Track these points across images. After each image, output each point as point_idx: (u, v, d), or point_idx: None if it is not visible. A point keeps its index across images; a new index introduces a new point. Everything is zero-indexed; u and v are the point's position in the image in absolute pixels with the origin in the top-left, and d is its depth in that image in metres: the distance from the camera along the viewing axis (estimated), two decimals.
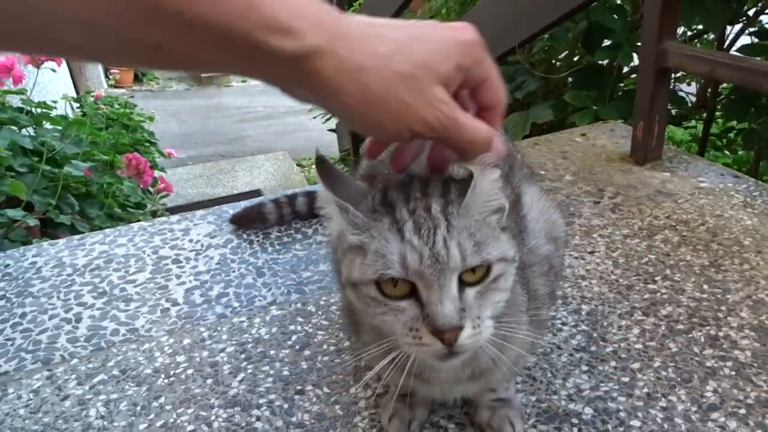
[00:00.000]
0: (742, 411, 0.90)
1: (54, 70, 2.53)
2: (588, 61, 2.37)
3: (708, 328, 1.06)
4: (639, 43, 1.66)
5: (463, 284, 0.61)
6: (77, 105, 3.83)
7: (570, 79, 2.41)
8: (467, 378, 0.75)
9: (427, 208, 0.61)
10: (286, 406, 0.95)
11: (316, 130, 5.03)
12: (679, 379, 0.96)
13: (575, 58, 2.53)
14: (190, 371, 1.03)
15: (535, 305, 0.80)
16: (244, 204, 1.55)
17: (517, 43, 2.15)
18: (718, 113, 2.69)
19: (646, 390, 0.95)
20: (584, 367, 1.00)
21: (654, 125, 1.59)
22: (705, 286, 1.16)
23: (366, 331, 0.75)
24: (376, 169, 0.80)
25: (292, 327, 1.12)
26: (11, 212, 1.89)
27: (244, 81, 7.64)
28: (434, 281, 0.60)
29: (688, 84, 2.78)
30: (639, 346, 1.03)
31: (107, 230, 1.47)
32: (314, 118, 4.37)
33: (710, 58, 1.39)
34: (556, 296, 1.04)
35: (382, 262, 0.60)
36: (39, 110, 2.46)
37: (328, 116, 4.07)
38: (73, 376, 1.03)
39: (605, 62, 2.31)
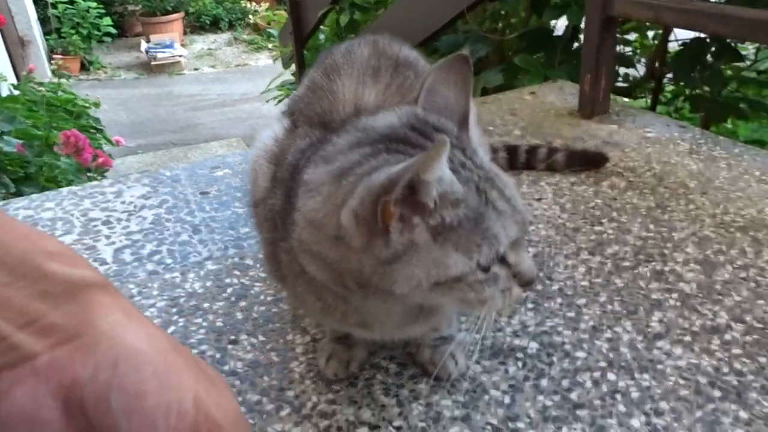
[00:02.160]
0: (688, 338, 0.89)
1: None
2: (538, 23, 2.35)
3: (654, 263, 1.05)
4: None
5: None
6: (17, 91, 3.65)
7: (521, 44, 2.40)
8: (414, 321, 0.70)
9: (472, 165, 0.58)
10: (218, 355, 0.90)
11: (271, 116, 4.94)
12: (624, 311, 0.94)
13: (528, 22, 2.52)
14: None
15: None
16: (183, 167, 1.48)
17: (465, 8, 2.12)
18: (666, 82, 2.72)
19: (591, 323, 0.92)
20: (530, 305, 0.97)
21: (601, 78, 1.57)
22: (651, 226, 1.15)
23: (299, 284, 0.69)
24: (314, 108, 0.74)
25: (228, 280, 1.06)
26: None
27: (196, 69, 7.46)
28: (521, 242, 0.61)
29: (638, 62, 2.81)
30: (585, 283, 1.01)
31: (33, 195, 1.38)
32: (267, 101, 4.28)
33: (655, 3, 1.38)
34: None
35: (488, 240, 0.56)
36: None
37: (280, 100, 3.99)
38: None
39: (554, 24, 2.29)
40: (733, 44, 2.18)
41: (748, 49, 2.56)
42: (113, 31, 7.56)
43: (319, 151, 0.62)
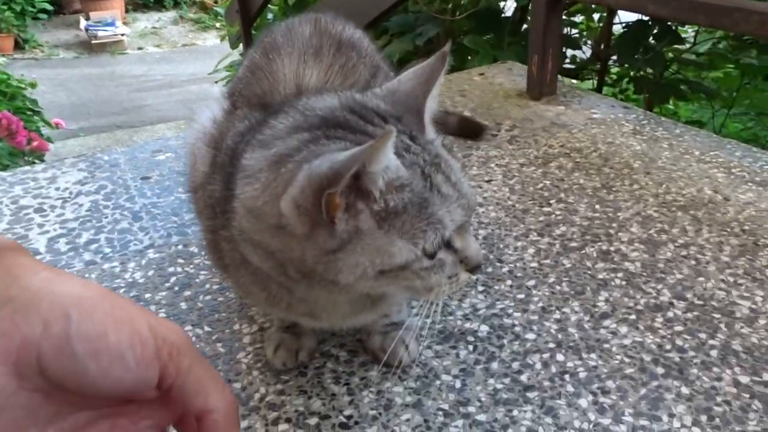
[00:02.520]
0: (633, 317, 0.90)
1: None
2: (487, 4, 2.35)
3: (600, 243, 1.06)
4: None
5: None
6: None
7: (471, 24, 2.39)
8: (362, 309, 0.69)
9: (419, 149, 0.56)
10: None
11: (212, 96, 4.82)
12: (572, 292, 0.95)
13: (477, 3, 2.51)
14: None
15: None
16: (123, 150, 1.42)
17: None
18: (611, 63, 2.77)
19: (540, 304, 0.93)
20: (480, 288, 0.97)
21: (548, 59, 1.58)
22: (597, 206, 1.17)
23: (242, 274, 0.67)
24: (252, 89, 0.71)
25: (171, 269, 1.02)
26: None
27: (140, 48, 7.20)
28: (467, 227, 0.60)
29: (584, 44, 2.84)
30: (534, 264, 1.02)
31: None
32: (216, 82, 4.16)
33: None
34: None
35: (433, 226, 0.55)
36: None
37: (229, 81, 3.88)
38: None
39: (504, 5, 2.30)
40: (673, 27, 2.23)
41: (688, 32, 2.63)
42: (49, 7, 7.19)
43: (257, 134, 0.59)
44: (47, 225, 1.15)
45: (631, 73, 2.61)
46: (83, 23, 7.23)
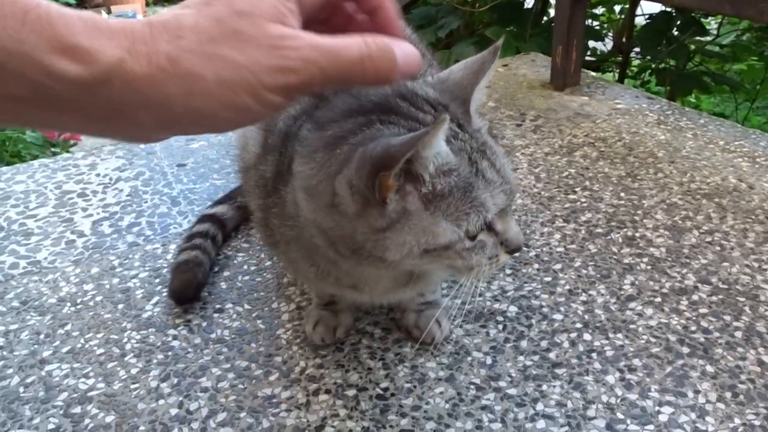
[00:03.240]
0: (658, 299, 0.93)
1: None
2: None
3: (625, 230, 1.09)
4: None
5: None
6: None
7: (492, 16, 2.41)
8: (403, 285, 0.72)
9: (465, 137, 0.58)
10: (204, 324, 0.91)
11: None
12: (598, 275, 0.98)
13: None
14: (99, 298, 0.97)
15: None
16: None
17: None
18: (633, 56, 2.77)
19: (567, 287, 0.96)
20: (508, 271, 1.00)
21: (572, 49, 1.60)
22: (622, 194, 1.19)
23: (292, 250, 0.70)
24: None
25: None
26: None
27: None
28: (509, 210, 0.62)
29: (605, 36, 2.85)
30: (560, 249, 1.05)
31: (4, 168, 1.35)
32: None
33: None
34: None
35: (476, 209, 0.58)
36: None
37: None
38: None
39: None
40: (697, 18, 2.23)
41: (711, 24, 2.63)
42: (72, 1, 7.28)
43: (312, 117, 0.63)
44: (90, 209, 1.20)
45: (653, 65, 2.61)
46: (105, 17, 7.30)
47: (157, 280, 1.00)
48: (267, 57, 0.39)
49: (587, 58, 2.63)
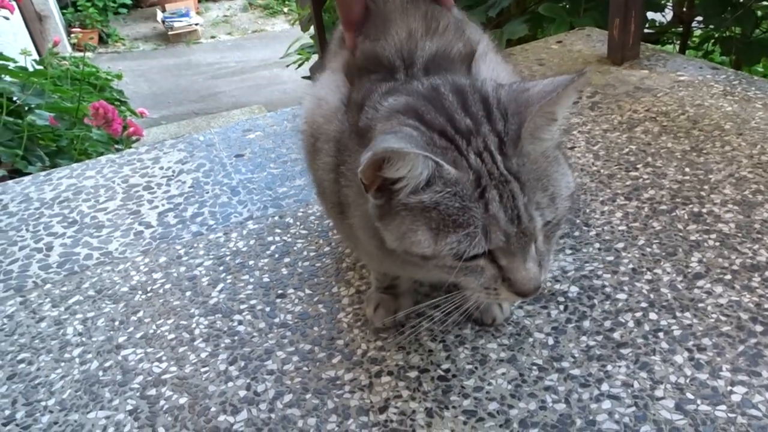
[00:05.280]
0: (728, 277, 0.90)
1: (7, 18, 2.42)
2: None
3: (691, 206, 1.05)
4: None
5: None
6: (40, 66, 3.69)
7: None
8: None
9: (493, 159, 0.55)
10: (267, 309, 0.93)
11: (291, 82, 4.92)
12: (663, 253, 0.95)
13: None
14: (168, 286, 1.01)
15: None
16: (216, 131, 1.51)
17: None
18: (694, 26, 2.64)
19: (631, 266, 0.94)
20: (568, 251, 0.98)
21: (630, 22, 1.54)
22: (687, 169, 1.15)
23: (356, 216, 0.70)
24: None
25: (270, 238, 1.09)
26: None
27: (213, 37, 7.43)
28: (518, 251, 0.57)
29: (664, 6, 2.73)
30: (622, 227, 1.02)
31: (74, 165, 1.42)
32: (287, 66, 4.26)
33: None
34: None
35: (462, 234, 0.55)
36: None
37: (300, 64, 3.96)
38: (47, 300, 1.00)
39: None
40: None
41: None
42: (128, 1, 7.53)
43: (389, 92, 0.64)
44: (156, 201, 1.24)
45: (716, 35, 2.49)
46: (160, 15, 7.53)
47: (221, 268, 1.03)
48: None
49: (645, 30, 2.52)
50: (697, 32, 2.74)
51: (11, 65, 2.44)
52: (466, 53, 0.72)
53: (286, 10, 7.77)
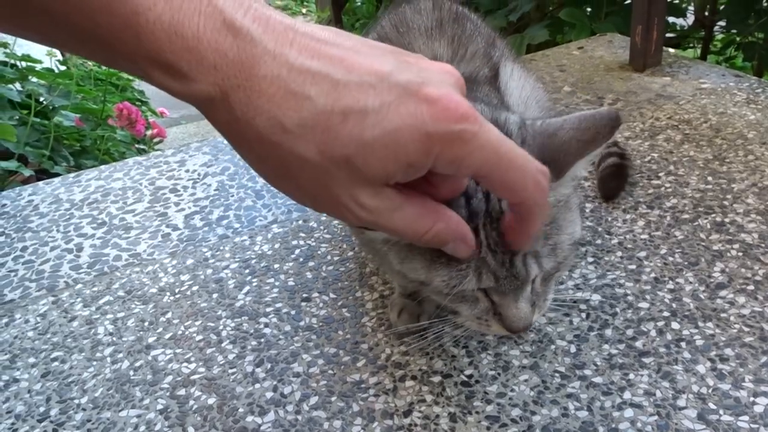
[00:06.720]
0: (751, 287, 0.90)
1: None
2: None
3: (714, 215, 1.05)
4: None
5: None
6: (63, 66, 3.75)
7: None
8: None
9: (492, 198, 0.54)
10: (293, 312, 0.95)
11: None
12: (686, 263, 0.96)
13: None
14: (195, 288, 1.03)
15: None
16: None
17: None
18: (716, 30, 2.63)
19: (653, 275, 0.94)
20: (590, 259, 0.99)
21: (652, 28, 1.54)
22: (709, 178, 1.15)
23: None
24: None
25: (294, 242, 1.11)
26: (5, 164, 1.86)
27: None
28: (510, 292, 0.58)
29: (686, 10, 2.72)
30: (644, 236, 1.03)
31: (102, 167, 1.45)
32: None
33: None
34: None
35: (456, 274, 0.55)
36: (24, 64, 2.41)
37: None
38: (79, 300, 1.03)
39: None
40: None
41: None
42: None
43: None
44: (182, 203, 1.27)
45: (738, 39, 2.47)
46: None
47: (247, 271, 1.05)
48: (334, 208, 0.43)
49: (666, 35, 2.51)
50: (719, 37, 2.72)
51: (38, 67, 2.49)
52: (492, 76, 0.73)
53: (304, 11, 7.81)
